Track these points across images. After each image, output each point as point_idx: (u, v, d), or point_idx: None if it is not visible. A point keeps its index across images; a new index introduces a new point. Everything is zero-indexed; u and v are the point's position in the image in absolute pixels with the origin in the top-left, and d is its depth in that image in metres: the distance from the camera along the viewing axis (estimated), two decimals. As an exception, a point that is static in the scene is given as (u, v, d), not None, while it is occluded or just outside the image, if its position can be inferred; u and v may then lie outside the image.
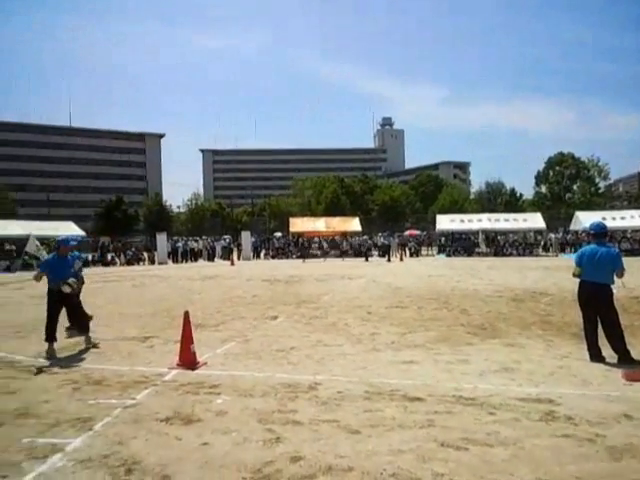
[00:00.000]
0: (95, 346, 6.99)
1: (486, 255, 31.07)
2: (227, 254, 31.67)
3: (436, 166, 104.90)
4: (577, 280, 6.02)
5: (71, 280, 6.75)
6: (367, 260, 27.96)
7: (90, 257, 28.17)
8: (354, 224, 36.89)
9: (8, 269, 24.19)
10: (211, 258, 32.68)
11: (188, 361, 5.77)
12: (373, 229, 45.03)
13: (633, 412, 4.06)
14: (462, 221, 34.60)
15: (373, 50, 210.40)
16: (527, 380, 5.06)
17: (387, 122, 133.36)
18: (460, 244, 33.57)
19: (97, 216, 59.32)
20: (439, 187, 73.83)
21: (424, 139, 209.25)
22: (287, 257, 33.64)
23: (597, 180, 62.35)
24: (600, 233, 6.03)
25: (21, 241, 26.40)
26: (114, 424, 4.07)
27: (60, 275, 6.70)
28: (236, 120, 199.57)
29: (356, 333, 7.67)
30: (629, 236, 32.12)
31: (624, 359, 5.52)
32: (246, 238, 33.53)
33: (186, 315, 5.97)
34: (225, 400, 4.61)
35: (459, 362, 5.83)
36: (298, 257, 32.97)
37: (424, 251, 35.32)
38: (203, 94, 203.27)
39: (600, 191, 62.37)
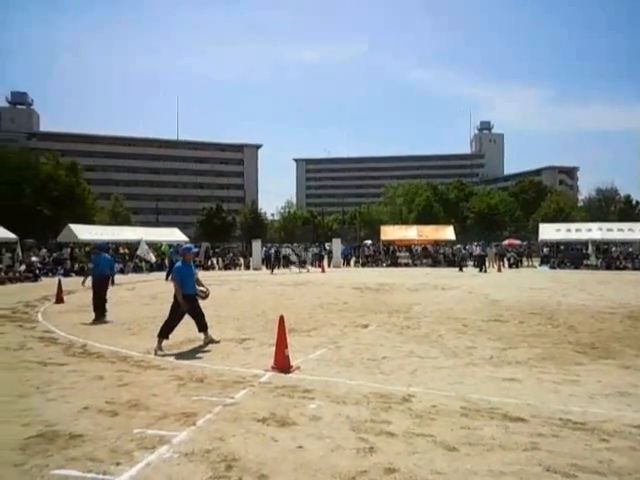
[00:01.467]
0: (214, 341, 7.51)
1: (596, 268, 28.52)
2: (318, 261, 32.18)
3: (539, 172, 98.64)
4: None
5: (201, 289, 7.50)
6: (461, 270, 26.94)
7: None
8: (448, 232, 35.78)
9: (122, 271, 26.54)
10: (303, 265, 33.37)
11: (283, 365, 5.92)
12: (468, 238, 43.31)
13: None
14: (569, 230, 32.13)
15: (469, 53, 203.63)
16: (647, 407, 4.56)
17: (485, 126, 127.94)
18: (566, 255, 31.20)
19: (199, 223, 63.31)
20: (542, 194, 69.18)
21: (525, 143, 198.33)
22: (377, 265, 33.45)
23: None
24: None
25: (133, 245, 28.94)
26: (215, 421, 4.27)
27: (190, 281, 7.38)
28: (329, 129, 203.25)
29: (451, 346, 7.40)
30: None
31: None
32: (336, 245, 33.86)
33: (281, 320, 6.12)
34: (319, 405, 4.66)
35: (567, 383, 5.39)
36: (388, 265, 32.66)
37: (525, 262, 33.28)
38: (298, 105, 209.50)
39: None
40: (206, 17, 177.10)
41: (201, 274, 7.87)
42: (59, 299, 13.03)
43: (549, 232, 32.31)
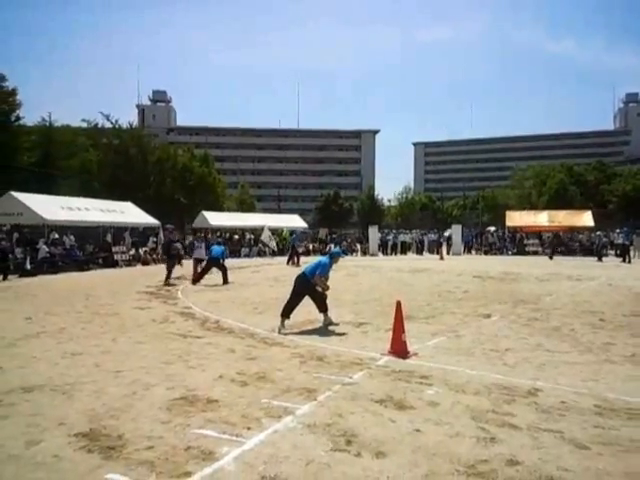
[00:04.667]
0: (333, 324, 7.81)
1: None
2: (436, 248, 31.38)
3: None
4: None
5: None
6: (600, 260, 24.41)
7: (311, 247, 31.17)
8: (585, 218, 32.56)
9: (247, 255, 28.42)
10: (420, 251, 32.83)
11: (399, 349, 5.96)
12: (610, 225, 38.91)
13: None
14: None
15: (610, 19, 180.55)
16: None
17: (632, 99, 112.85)
18: None
19: (317, 210, 65.14)
20: None
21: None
22: (502, 253, 31.65)
23: None
24: None
25: (258, 231, 30.80)
26: (334, 398, 4.47)
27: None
28: (452, 110, 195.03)
29: (585, 341, 6.83)
30: None
31: None
32: (457, 232, 32.65)
33: (398, 305, 6.15)
34: (437, 392, 4.63)
35: None
36: (514, 254, 30.72)
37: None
38: (419, 87, 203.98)
39: None
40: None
41: (319, 259, 8.16)
42: (195, 279, 14.38)
43: None
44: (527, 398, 4.46)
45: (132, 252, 23.07)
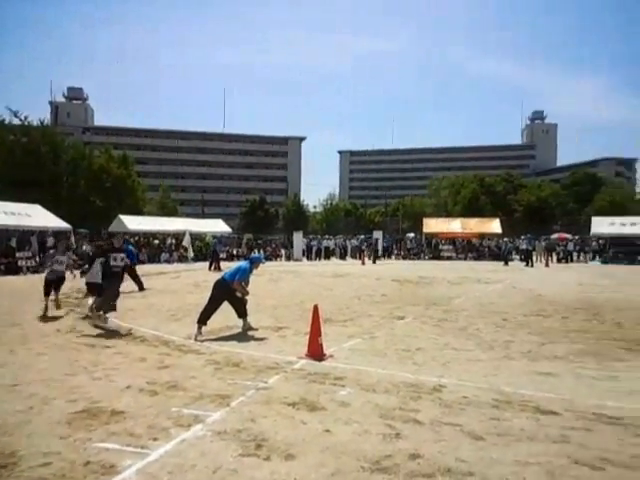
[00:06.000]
0: (253, 329, 7.76)
1: (652, 263, 27.12)
2: (358, 253, 32.15)
3: (594, 163, 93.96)
4: None
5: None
6: (507, 264, 26.23)
7: (235, 252, 30.75)
8: (494, 226, 34.90)
9: (168, 261, 27.47)
10: (343, 257, 33.49)
11: (316, 352, 6.03)
12: (516, 232, 41.99)
13: None
14: (623, 224, 30.63)
15: (522, 42, 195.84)
16: (691, 406, 4.38)
17: (538, 116, 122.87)
18: (620, 250, 29.78)
19: (242, 215, 64.42)
20: (597, 187, 66.02)
21: (580, 134, 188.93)
22: (419, 258, 33.07)
23: None
24: None
25: (179, 236, 29.89)
26: (248, 403, 4.44)
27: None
28: (375, 121, 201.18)
29: (488, 339, 7.30)
30: None
31: None
32: (378, 238, 33.66)
33: (315, 309, 6.23)
34: (349, 392, 4.75)
35: (606, 378, 5.24)
36: (430, 259, 32.22)
37: (576, 257, 32.02)
38: (343, 96, 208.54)
39: None
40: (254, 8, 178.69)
41: (239, 264, 8.10)
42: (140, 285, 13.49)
43: (602, 226, 30.94)
44: (432, 394, 4.69)
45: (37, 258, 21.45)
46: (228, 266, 13.84)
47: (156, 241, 30.32)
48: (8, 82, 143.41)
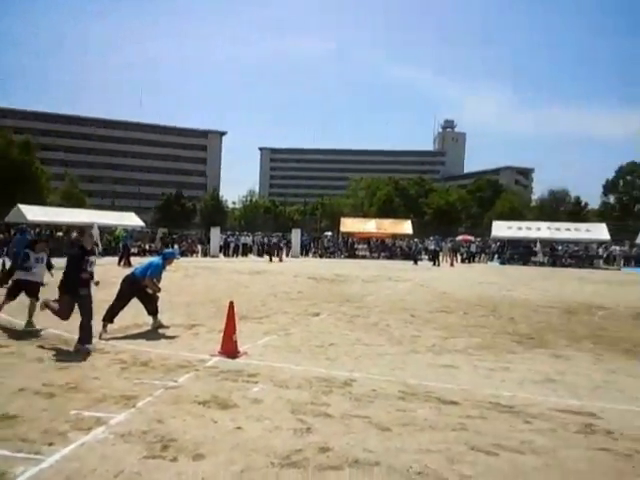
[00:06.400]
0: (164, 326, 7.45)
1: (543, 265, 29.83)
2: (276, 251, 32.15)
3: (497, 171, 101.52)
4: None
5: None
6: (416, 264, 27.55)
7: (148, 247, 29.46)
8: (405, 227, 36.48)
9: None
10: (261, 254, 33.30)
11: (229, 350, 5.95)
12: (425, 233, 44.25)
13: (684, 434, 3.82)
14: (520, 228, 33.44)
15: (439, 52, 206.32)
16: (569, 392, 4.88)
17: (449, 125, 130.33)
18: (516, 252, 32.43)
19: (157, 209, 61.88)
20: (498, 193, 71.50)
21: (487, 143, 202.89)
22: (335, 257, 33.74)
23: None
24: None
25: (86, 229, 28.05)
26: (155, 403, 4.27)
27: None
28: (296, 121, 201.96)
29: (397, 335, 7.62)
30: None
31: None
32: (296, 236, 33.89)
33: (231, 305, 6.15)
34: (261, 389, 4.74)
35: (500, 369, 5.68)
36: (346, 257, 33.00)
37: (477, 258, 34.38)
38: (265, 94, 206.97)
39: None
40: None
41: (151, 260, 7.79)
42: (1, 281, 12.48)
43: (501, 229, 33.53)
44: (343, 388, 4.81)
45: None
46: (140, 262, 13.29)
47: (59, 233, 28.26)
48: None
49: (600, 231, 32.12)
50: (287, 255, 31.51)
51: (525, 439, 3.67)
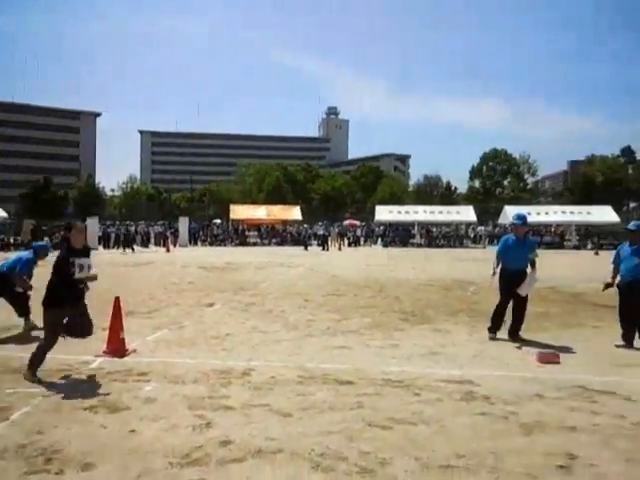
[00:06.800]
0: (38, 328, 6.64)
1: (420, 246, 32.15)
2: (162, 240, 30.72)
3: (378, 158, 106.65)
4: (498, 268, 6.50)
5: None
6: (306, 249, 28.10)
7: (12, 240, 26.45)
8: (295, 213, 36.93)
9: None
10: (145, 244, 31.60)
11: (116, 349, 5.59)
12: (314, 218, 45.31)
13: (545, 392, 4.38)
14: (400, 212, 35.61)
15: (324, 39, 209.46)
16: (451, 363, 5.34)
17: (332, 111, 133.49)
18: (396, 235, 34.52)
19: (21, 197, 55.61)
20: (379, 179, 75.23)
21: (368, 130, 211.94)
22: (226, 245, 33.16)
23: (526, 176, 65.98)
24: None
25: None
26: (33, 413, 3.87)
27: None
28: (178, 103, 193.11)
29: (292, 320, 7.72)
30: (552, 230, 34.34)
31: (514, 338, 6.29)
32: (183, 224, 32.65)
33: (116, 301, 5.80)
34: (154, 387, 4.51)
35: (389, 347, 6.03)
36: (237, 245, 32.59)
37: (363, 241, 36.01)
38: (145, 75, 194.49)
39: (528, 187, 66.04)
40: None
41: (20, 254, 7.00)
42: None
43: (384, 213, 35.45)
44: (242, 378, 4.76)
45: None
46: (5, 257, 11.87)
47: None
48: None
49: (468, 213, 35.41)
50: (175, 245, 30.23)
51: (416, 410, 3.93)
